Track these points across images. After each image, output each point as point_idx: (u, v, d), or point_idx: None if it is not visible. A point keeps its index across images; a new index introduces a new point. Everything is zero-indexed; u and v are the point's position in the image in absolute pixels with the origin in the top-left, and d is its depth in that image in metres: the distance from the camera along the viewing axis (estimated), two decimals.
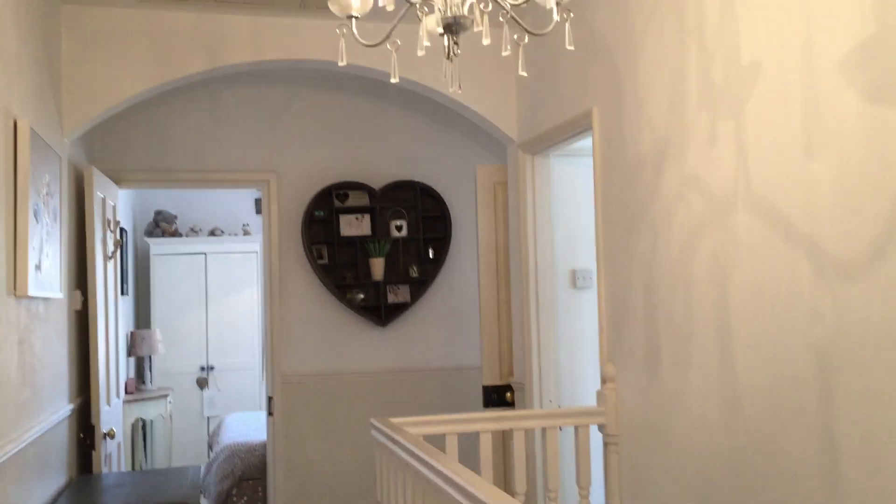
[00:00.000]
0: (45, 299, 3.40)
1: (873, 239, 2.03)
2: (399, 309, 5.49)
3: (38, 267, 3.11)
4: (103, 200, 4.51)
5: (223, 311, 8.05)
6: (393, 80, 2.14)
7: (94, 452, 4.11)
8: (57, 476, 3.62)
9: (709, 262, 2.73)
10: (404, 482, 2.75)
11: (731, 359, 2.61)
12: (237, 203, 8.36)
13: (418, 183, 5.58)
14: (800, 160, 2.28)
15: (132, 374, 7.27)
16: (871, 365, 2.04)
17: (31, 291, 2.99)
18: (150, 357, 7.50)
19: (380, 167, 5.56)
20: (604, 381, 3.45)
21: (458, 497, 2.08)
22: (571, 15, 2.00)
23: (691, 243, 2.83)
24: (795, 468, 2.32)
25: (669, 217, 2.97)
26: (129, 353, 7.13)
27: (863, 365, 2.07)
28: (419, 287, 5.55)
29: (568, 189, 4.33)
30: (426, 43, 2.01)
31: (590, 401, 3.71)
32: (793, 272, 2.32)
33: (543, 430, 3.43)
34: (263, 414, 6.33)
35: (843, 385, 2.13)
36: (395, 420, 3.15)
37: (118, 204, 5.02)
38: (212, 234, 8.17)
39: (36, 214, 3.08)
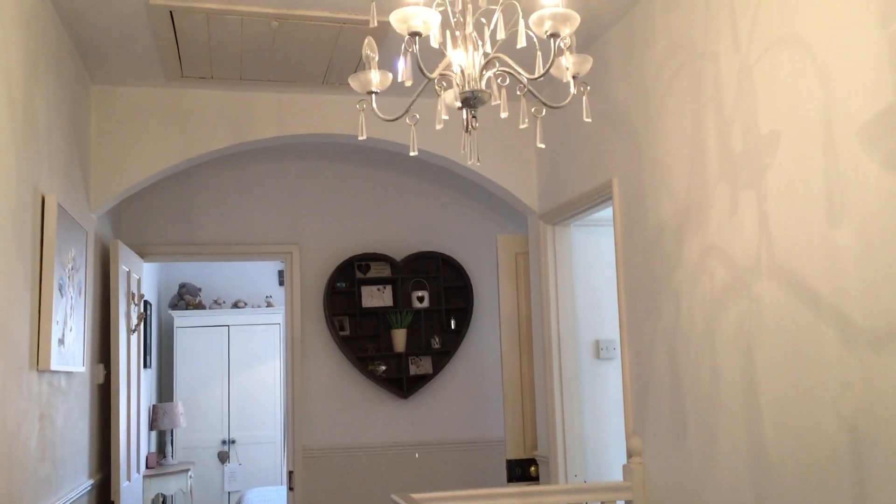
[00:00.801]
0: (68, 373, 3.40)
1: None
2: (421, 380, 5.44)
3: (61, 341, 3.12)
4: (128, 274, 4.55)
5: (245, 383, 8.03)
6: (412, 154, 2.16)
7: None
8: None
9: (734, 332, 2.69)
10: None
11: (760, 431, 2.54)
12: (261, 275, 8.41)
13: (440, 254, 5.59)
14: (823, 229, 2.26)
15: (153, 448, 7.22)
16: None
17: (54, 366, 3.00)
18: (171, 431, 7.46)
19: (401, 238, 5.59)
20: (630, 454, 3.37)
21: None
22: (588, 88, 2.02)
23: (715, 313, 2.79)
24: None
25: (692, 286, 2.94)
26: (151, 427, 7.09)
27: (894, 435, 2.00)
28: (441, 358, 5.51)
29: (589, 258, 4.31)
30: (444, 117, 2.03)
31: (616, 474, 3.62)
32: (820, 342, 2.27)
33: None
34: (284, 489, 6.23)
35: (877, 458, 2.06)
36: (416, 496, 3.09)
37: (143, 277, 5.06)
38: (235, 305, 8.21)
39: (61, 289, 3.11)
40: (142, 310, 4.96)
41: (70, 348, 3.30)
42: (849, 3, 2.16)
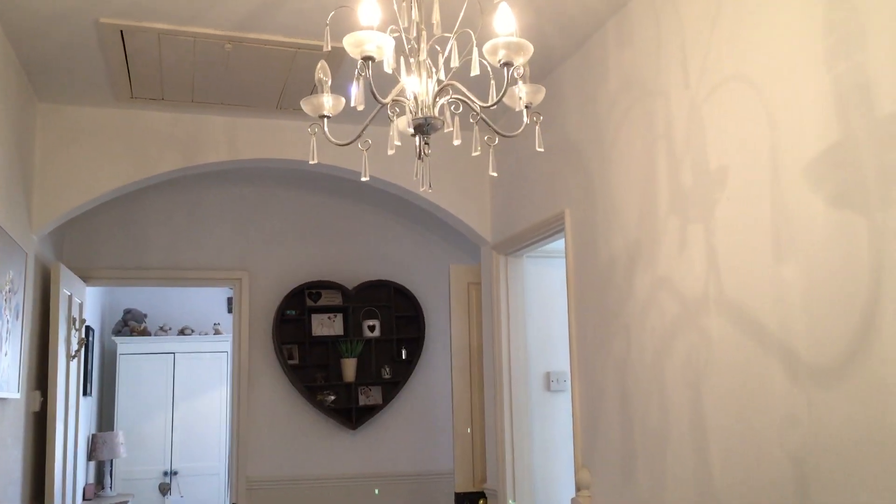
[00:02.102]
0: (1, 399, 3.27)
1: (846, 344, 2.01)
2: (370, 411, 5.37)
3: None
4: (69, 298, 4.42)
5: (190, 412, 7.83)
6: (363, 179, 2.13)
7: None
8: None
9: (682, 366, 2.69)
10: None
11: (708, 465, 2.54)
12: (209, 301, 8.26)
13: (392, 282, 5.55)
14: (769, 264, 2.29)
15: (91, 479, 6.98)
16: (847, 475, 1.99)
17: None
18: (111, 461, 7.22)
19: (353, 266, 5.54)
20: (578, 487, 3.35)
21: None
22: (541, 118, 2.02)
23: (665, 346, 2.80)
24: None
25: (642, 319, 2.95)
26: (89, 457, 6.86)
27: (839, 469, 2.01)
28: (391, 388, 5.44)
29: (541, 290, 4.32)
30: (397, 143, 2.02)
31: None
32: (767, 377, 2.29)
33: None
34: None
35: (820, 490, 2.07)
36: None
37: (85, 301, 4.92)
38: (182, 332, 8.03)
39: None
40: (83, 335, 4.81)
41: (4, 374, 3.17)
42: (796, 45, 2.21)
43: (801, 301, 2.16)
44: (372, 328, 5.46)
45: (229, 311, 8.03)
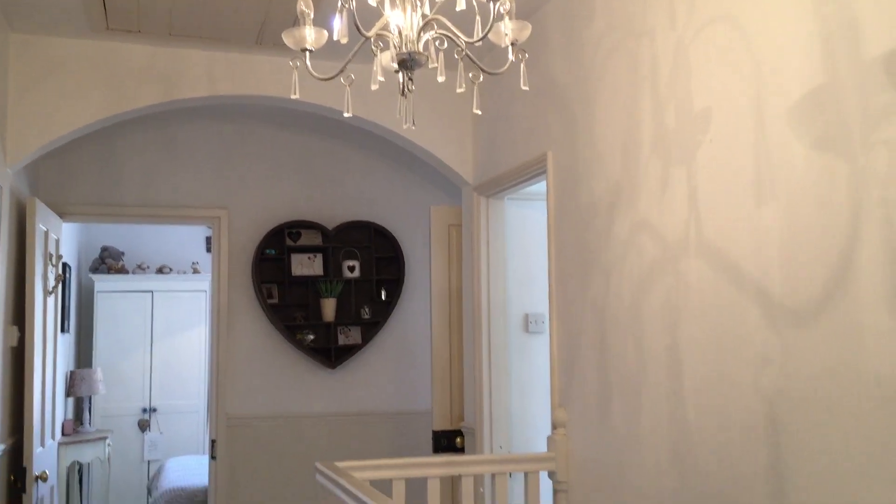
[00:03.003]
0: None
1: (822, 287, 2.04)
2: (349, 351, 5.41)
3: None
4: (46, 233, 4.37)
5: (169, 350, 7.85)
6: (346, 115, 2.11)
7: (24, 496, 3.92)
8: None
9: (660, 308, 2.73)
10: None
11: (682, 404, 2.59)
12: (187, 240, 8.21)
13: (372, 224, 5.54)
14: (750, 207, 2.30)
15: (70, 416, 7.01)
16: (818, 413, 2.04)
17: None
18: (89, 398, 7.25)
19: (334, 207, 5.51)
20: (554, 426, 3.41)
21: None
22: (527, 55, 2.00)
23: (643, 288, 2.83)
24: None
25: (622, 262, 2.97)
26: (68, 394, 6.88)
27: (811, 411, 2.06)
28: (371, 329, 5.48)
29: (522, 233, 4.33)
30: (380, 78, 1.99)
31: (541, 447, 3.66)
32: (742, 318, 2.32)
33: (493, 476, 3.36)
34: (206, 458, 6.14)
35: (792, 431, 2.13)
36: (340, 464, 3.06)
37: (62, 238, 4.87)
38: (160, 271, 8.00)
39: None
40: (60, 272, 4.78)
41: None
42: None
43: (780, 244, 2.18)
44: (352, 269, 5.47)
45: (208, 250, 8.00)
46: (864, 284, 1.91)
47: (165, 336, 7.86)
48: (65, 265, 6.36)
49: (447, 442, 4.59)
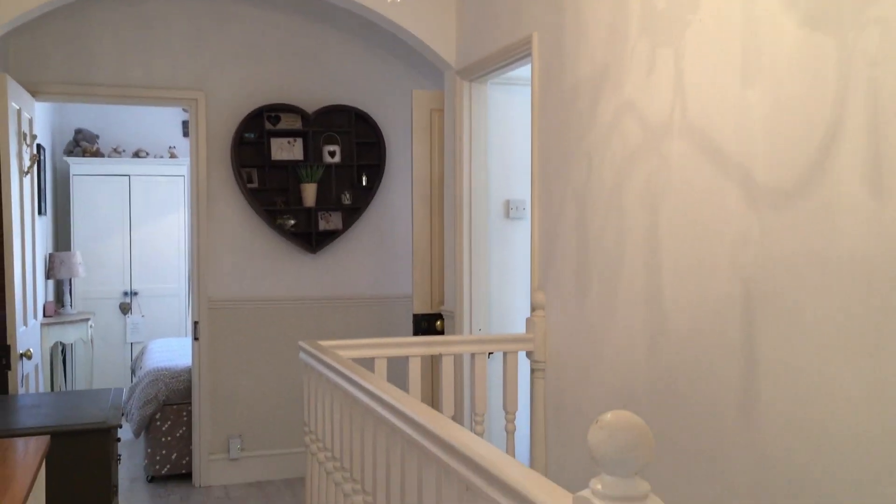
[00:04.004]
0: None
1: (803, 168, 2.05)
2: (330, 236, 5.42)
3: None
4: (18, 111, 4.27)
5: (148, 235, 7.83)
6: None
7: (9, 373, 3.98)
8: None
9: (641, 190, 2.74)
10: (332, 404, 2.73)
11: (659, 285, 2.65)
12: (163, 124, 8.06)
13: (353, 108, 5.45)
14: (736, 88, 2.28)
15: (51, 298, 7.04)
16: (794, 291, 2.09)
17: None
18: (70, 280, 7.28)
19: (314, 90, 5.41)
20: (533, 308, 3.48)
21: (386, 415, 2.07)
22: None
23: (625, 171, 2.83)
24: (716, 390, 2.38)
25: (605, 145, 2.96)
26: (48, 276, 6.89)
27: (785, 291, 2.12)
28: (351, 214, 5.48)
29: (505, 118, 4.29)
30: None
31: (520, 330, 3.74)
32: (723, 199, 2.34)
33: (472, 355, 3.45)
34: (189, 340, 6.23)
35: (766, 310, 2.18)
36: (324, 343, 3.12)
37: (35, 117, 4.76)
38: (136, 155, 7.88)
39: None
40: (34, 152, 4.69)
41: None
42: None
43: (764, 125, 2.18)
44: (332, 154, 5.42)
45: (185, 135, 7.87)
46: (846, 165, 1.93)
47: (144, 220, 7.82)
48: (39, 147, 6.24)
49: (427, 325, 4.68)
